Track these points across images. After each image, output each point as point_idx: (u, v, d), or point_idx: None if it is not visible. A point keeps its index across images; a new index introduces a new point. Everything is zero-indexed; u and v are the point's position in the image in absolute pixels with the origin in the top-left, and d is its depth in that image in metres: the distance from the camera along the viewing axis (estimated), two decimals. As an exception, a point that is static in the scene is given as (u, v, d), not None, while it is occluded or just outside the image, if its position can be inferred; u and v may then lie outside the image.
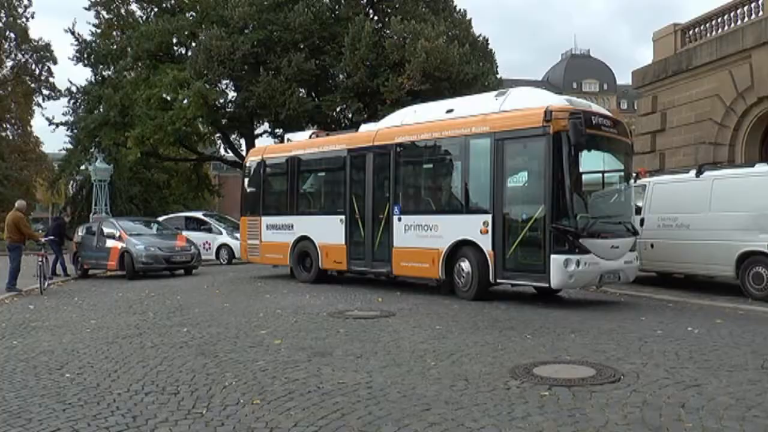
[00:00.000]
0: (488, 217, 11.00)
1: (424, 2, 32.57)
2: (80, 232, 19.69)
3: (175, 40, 35.82)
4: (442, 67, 27.95)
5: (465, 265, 11.40)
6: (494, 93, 12.40)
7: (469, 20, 33.92)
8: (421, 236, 12.18)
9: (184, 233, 20.65)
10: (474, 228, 11.17)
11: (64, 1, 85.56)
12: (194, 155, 40.37)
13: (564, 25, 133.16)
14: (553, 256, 10.11)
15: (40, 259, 14.42)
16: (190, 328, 8.91)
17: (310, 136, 16.10)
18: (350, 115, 31.88)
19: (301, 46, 31.25)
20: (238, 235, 23.24)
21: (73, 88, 36.96)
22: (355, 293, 12.78)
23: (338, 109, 32.68)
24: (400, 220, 12.60)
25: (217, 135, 39.30)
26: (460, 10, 34.27)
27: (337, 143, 14.55)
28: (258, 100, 29.96)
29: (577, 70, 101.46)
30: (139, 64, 35.01)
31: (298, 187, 15.50)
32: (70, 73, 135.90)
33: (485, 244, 11.01)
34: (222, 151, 43.87)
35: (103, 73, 36.88)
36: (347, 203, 13.77)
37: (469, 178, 11.70)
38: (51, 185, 44.98)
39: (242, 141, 39.10)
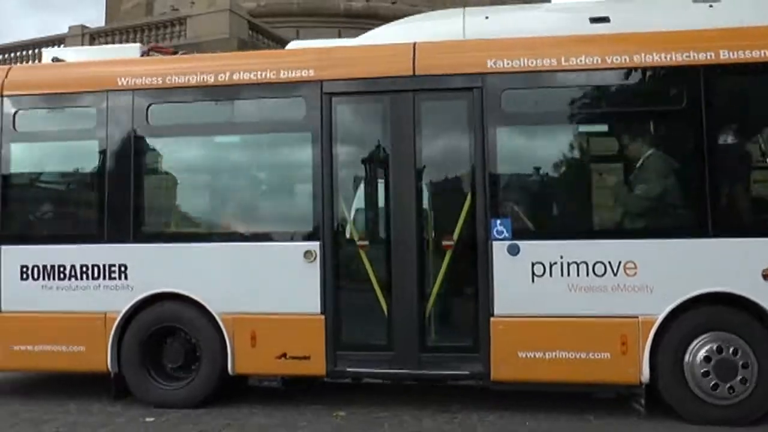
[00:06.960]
0: None
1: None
2: None
3: None
4: None
5: (738, 366, 4.90)
6: None
7: None
8: (582, 288, 5.19)
9: None
10: (742, 265, 4.91)
11: None
12: None
13: None
14: None
15: None
16: None
17: (144, 54, 6.74)
18: None
19: None
20: None
21: None
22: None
23: None
24: (516, 252, 5.29)
25: None
26: None
27: (280, 64, 5.88)
28: None
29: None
30: None
31: (144, 167, 6.25)
32: None
33: None
34: None
35: None
36: (327, 212, 5.67)
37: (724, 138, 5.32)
38: None
39: None
